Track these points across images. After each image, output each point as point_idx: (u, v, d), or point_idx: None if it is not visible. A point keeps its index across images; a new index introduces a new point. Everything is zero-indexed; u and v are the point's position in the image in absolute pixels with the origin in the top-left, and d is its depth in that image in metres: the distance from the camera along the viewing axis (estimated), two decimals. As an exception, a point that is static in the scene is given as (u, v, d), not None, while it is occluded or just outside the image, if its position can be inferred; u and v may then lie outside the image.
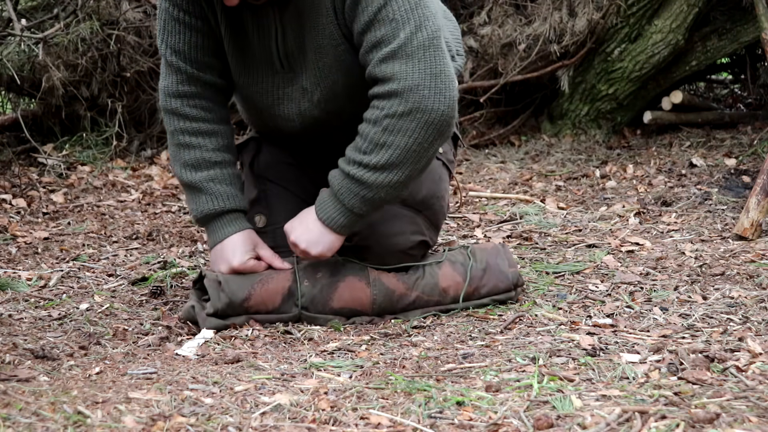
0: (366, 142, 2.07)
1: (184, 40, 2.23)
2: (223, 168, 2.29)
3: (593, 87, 4.74)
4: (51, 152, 4.22)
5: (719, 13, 4.73)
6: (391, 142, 2.05)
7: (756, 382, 1.75)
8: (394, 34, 2.04)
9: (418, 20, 2.04)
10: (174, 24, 2.22)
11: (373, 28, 2.06)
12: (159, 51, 2.29)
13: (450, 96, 2.05)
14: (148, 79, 4.46)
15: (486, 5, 4.70)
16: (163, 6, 2.23)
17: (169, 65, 2.26)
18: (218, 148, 2.29)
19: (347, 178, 2.10)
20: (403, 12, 2.04)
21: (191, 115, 2.27)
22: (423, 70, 2.03)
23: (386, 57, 2.05)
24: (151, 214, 3.51)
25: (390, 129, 2.04)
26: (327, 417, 1.62)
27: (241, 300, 2.20)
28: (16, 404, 1.65)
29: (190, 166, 2.27)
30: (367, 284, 2.25)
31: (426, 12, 2.06)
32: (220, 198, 2.27)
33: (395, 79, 2.04)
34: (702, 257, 2.76)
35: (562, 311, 2.30)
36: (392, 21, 2.04)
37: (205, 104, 2.29)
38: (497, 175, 4.14)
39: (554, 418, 1.59)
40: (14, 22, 4.00)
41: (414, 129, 2.04)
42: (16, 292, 2.45)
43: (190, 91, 2.27)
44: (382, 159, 2.06)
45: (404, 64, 2.04)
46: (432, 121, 2.04)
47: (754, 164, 4.03)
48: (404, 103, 2.03)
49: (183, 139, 2.28)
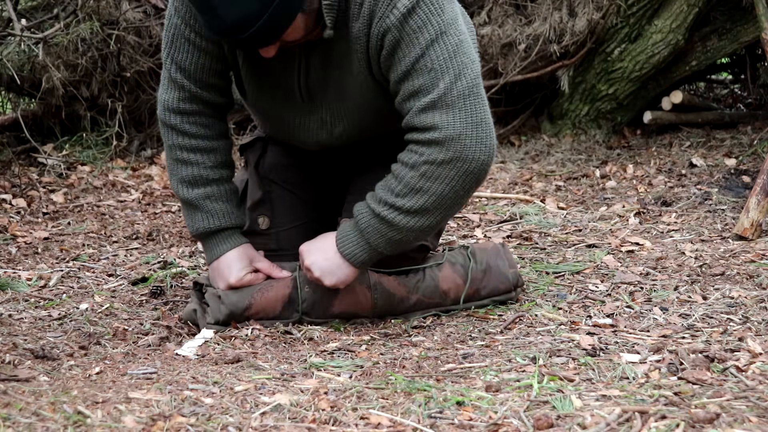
0: (401, 185, 2.05)
1: (191, 60, 2.19)
2: (220, 185, 2.28)
3: (593, 87, 4.74)
4: (51, 152, 4.22)
5: (719, 13, 4.72)
6: (427, 188, 2.03)
7: (756, 382, 1.75)
8: (434, 84, 2.01)
9: (457, 69, 2.02)
10: (183, 42, 2.18)
11: (411, 77, 2.02)
12: (163, 63, 2.26)
13: (490, 144, 2.05)
14: (148, 79, 4.46)
15: (486, 5, 4.70)
16: (174, 21, 2.18)
17: (172, 81, 2.22)
18: (215, 165, 2.27)
19: (376, 218, 2.08)
20: (442, 61, 2.01)
21: (190, 132, 2.25)
22: (464, 120, 2.01)
23: (426, 107, 2.02)
24: (151, 214, 3.51)
25: (428, 175, 2.03)
26: (327, 417, 1.62)
27: (242, 309, 2.20)
28: (16, 404, 1.65)
29: (187, 183, 2.26)
30: (367, 288, 2.25)
31: (465, 59, 2.03)
32: (215, 216, 2.26)
33: (436, 129, 2.02)
34: (702, 257, 2.76)
35: (562, 311, 2.30)
36: (431, 71, 2.01)
37: (204, 121, 2.26)
38: (497, 175, 4.14)
39: (554, 418, 1.59)
40: (14, 22, 4.00)
41: (453, 177, 2.03)
42: (16, 292, 2.45)
43: (191, 108, 2.24)
44: (417, 204, 2.04)
45: (445, 114, 2.01)
46: (472, 171, 2.03)
47: (754, 164, 4.03)
48: (445, 151, 2.01)
49: (181, 155, 2.26)
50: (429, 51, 2.00)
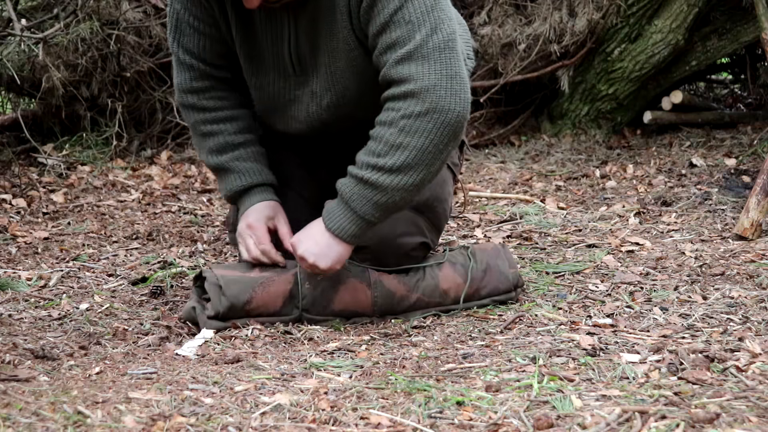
0: (381, 144, 2.05)
1: (195, 43, 2.27)
2: (247, 147, 2.33)
3: (593, 87, 4.74)
4: (51, 152, 4.22)
5: (719, 13, 4.73)
6: (407, 143, 2.03)
7: (756, 382, 1.75)
8: (410, 36, 2.03)
9: (434, 22, 2.03)
10: (185, 27, 2.26)
11: (388, 29, 2.05)
12: (170, 48, 2.32)
13: (465, 98, 2.05)
14: (148, 79, 4.46)
15: (486, 5, 4.70)
16: (176, 8, 2.25)
17: (181, 63, 2.30)
18: (239, 131, 2.33)
19: (360, 183, 2.07)
20: (419, 14, 2.03)
21: (208, 106, 2.32)
22: (439, 72, 2.02)
23: (402, 58, 2.04)
24: (151, 214, 3.51)
25: (407, 130, 2.03)
26: (327, 417, 1.62)
27: (243, 303, 2.20)
28: (16, 404, 1.65)
29: (216, 151, 2.32)
30: (367, 286, 2.25)
31: (442, 15, 2.05)
32: (246, 174, 2.31)
33: (411, 80, 2.03)
34: (702, 257, 2.76)
35: (562, 311, 2.30)
36: (408, 23, 2.03)
37: (219, 94, 2.33)
38: (497, 175, 4.14)
39: (554, 418, 1.59)
40: (14, 22, 4.00)
41: (431, 130, 2.03)
42: (16, 292, 2.45)
43: (204, 85, 2.31)
44: (399, 160, 2.04)
45: (421, 65, 2.03)
46: (448, 122, 2.03)
47: (754, 164, 4.03)
48: (421, 103, 2.02)
49: (204, 128, 2.33)
50: (407, 4, 2.03)
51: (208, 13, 2.23)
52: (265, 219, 2.28)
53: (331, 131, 2.31)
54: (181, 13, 2.25)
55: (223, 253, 2.94)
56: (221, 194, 2.35)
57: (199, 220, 3.40)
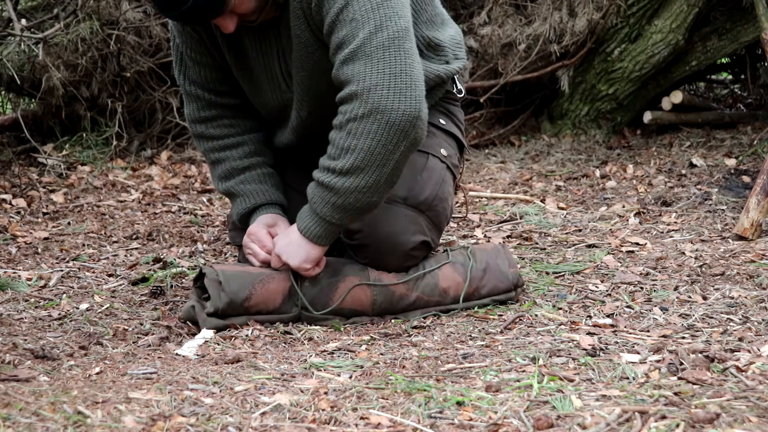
0: (334, 147, 2.07)
1: (197, 73, 2.34)
2: (253, 170, 2.38)
3: (593, 87, 4.74)
4: (51, 152, 4.22)
5: (719, 13, 4.73)
6: (354, 145, 2.03)
7: (756, 382, 1.75)
8: (354, 35, 2.02)
9: (378, 20, 2.02)
10: (187, 59, 2.33)
11: (336, 29, 2.05)
12: (177, 81, 2.40)
13: (412, 96, 2.02)
14: (148, 79, 4.46)
15: (486, 5, 4.70)
16: (177, 42, 2.33)
17: (188, 94, 2.37)
18: (245, 155, 2.38)
19: (319, 186, 2.10)
20: (364, 12, 2.02)
21: (216, 134, 2.38)
22: (382, 71, 2.01)
23: (347, 58, 2.03)
24: (151, 214, 3.51)
25: (353, 133, 2.03)
26: (327, 417, 1.62)
27: (242, 300, 2.20)
28: (16, 404, 1.65)
29: (224, 177, 2.39)
30: (367, 285, 2.25)
31: (388, 12, 2.03)
32: (251, 196, 2.35)
33: (354, 81, 2.02)
34: (702, 257, 2.76)
35: (562, 311, 2.30)
36: (352, 21, 2.02)
37: (227, 122, 2.39)
38: (497, 175, 4.14)
39: (554, 418, 1.59)
40: (14, 22, 4.00)
41: (376, 131, 2.02)
42: (16, 292, 2.46)
43: (211, 114, 2.38)
44: (347, 163, 2.04)
45: (363, 64, 2.01)
46: (393, 122, 2.01)
47: (754, 164, 4.03)
48: (364, 104, 2.01)
49: (214, 156, 2.40)
50: (352, 2, 2.02)
51: (201, 43, 2.29)
52: (264, 226, 2.30)
53: (319, 138, 2.33)
54: (181, 47, 2.32)
55: (223, 254, 2.94)
56: (235, 219, 2.41)
57: (199, 220, 3.40)
